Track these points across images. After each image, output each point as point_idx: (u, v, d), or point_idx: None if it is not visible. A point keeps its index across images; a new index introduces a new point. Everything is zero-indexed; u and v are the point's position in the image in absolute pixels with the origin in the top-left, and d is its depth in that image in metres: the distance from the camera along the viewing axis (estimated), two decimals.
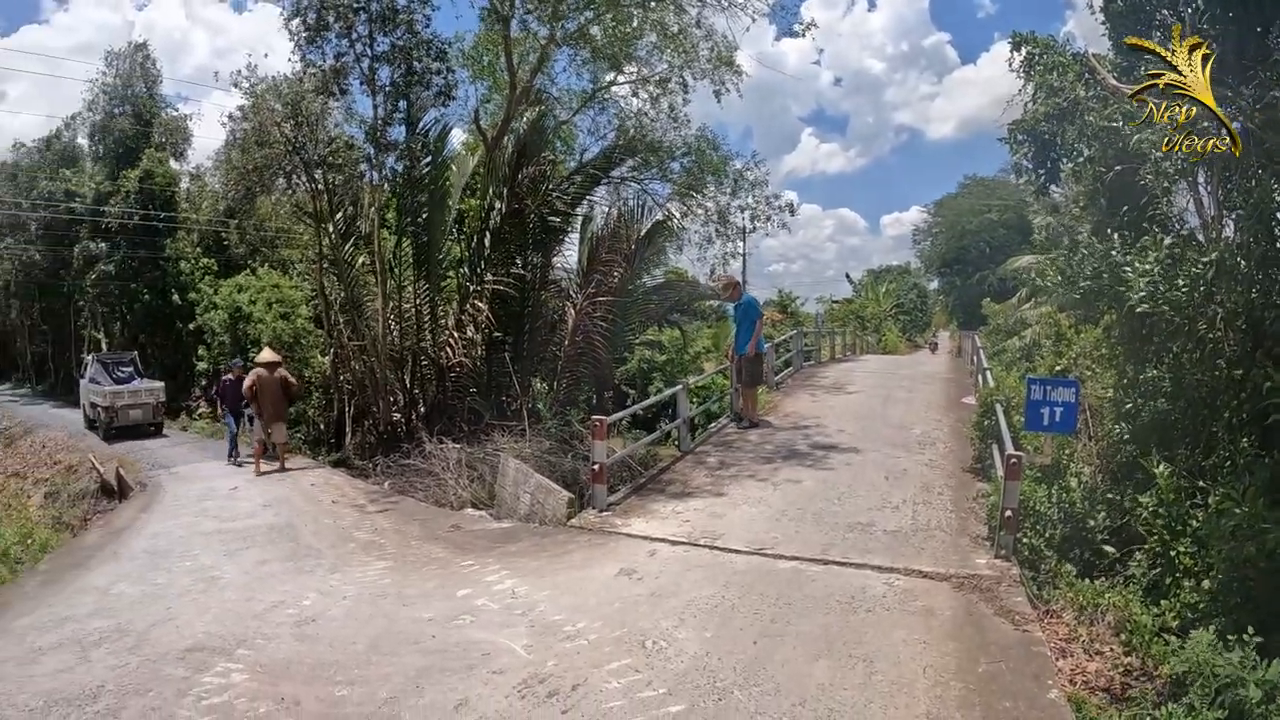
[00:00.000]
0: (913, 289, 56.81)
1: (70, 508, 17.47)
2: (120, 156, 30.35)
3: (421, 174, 17.40)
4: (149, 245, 28.76)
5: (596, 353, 17.06)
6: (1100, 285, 9.20)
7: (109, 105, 31.54)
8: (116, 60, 31.91)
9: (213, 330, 25.45)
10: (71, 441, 23.44)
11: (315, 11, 16.38)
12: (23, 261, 36.64)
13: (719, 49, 18.99)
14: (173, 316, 27.96)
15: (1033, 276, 29.22)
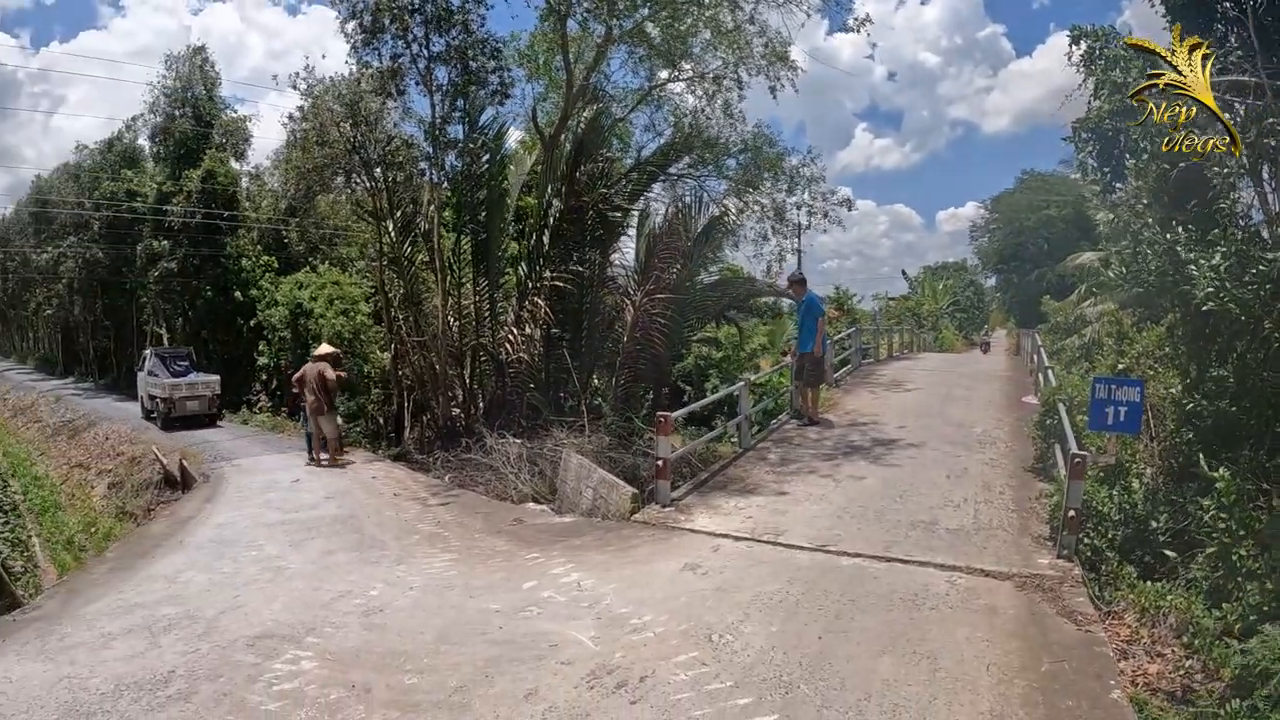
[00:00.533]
0: (969, 286, 56.00)
1: (134, 498, 17.91)
2: (181, 157, 30.89)
3: (480, 172, 17.52)
4: (210, 243, 29.31)
5: (655, 349, 17.05)
6: (1164, 282, 9.05)
7: (170, 107, 32.11)
8: (176, 63, 32.63)
9: (273, 326, 25.87)
10: (134, 434, 23.93)
11: (371, 14, 16.62)
12: (86, 260, 37.50)
13: (773, 45, 18.93)
14: (234, 312, 28.44)
15: (1092, 274, 28.71)
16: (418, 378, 18.56)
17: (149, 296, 33.07)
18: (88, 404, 32.00)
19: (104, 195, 34.13)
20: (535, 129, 18.98)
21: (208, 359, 29.53)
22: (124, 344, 39.23)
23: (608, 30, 17.51)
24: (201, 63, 32.78)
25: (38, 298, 48.47)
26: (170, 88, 32.20)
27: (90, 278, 38.67)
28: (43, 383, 43.32)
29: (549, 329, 17.23)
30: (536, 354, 17.46)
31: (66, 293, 42.22)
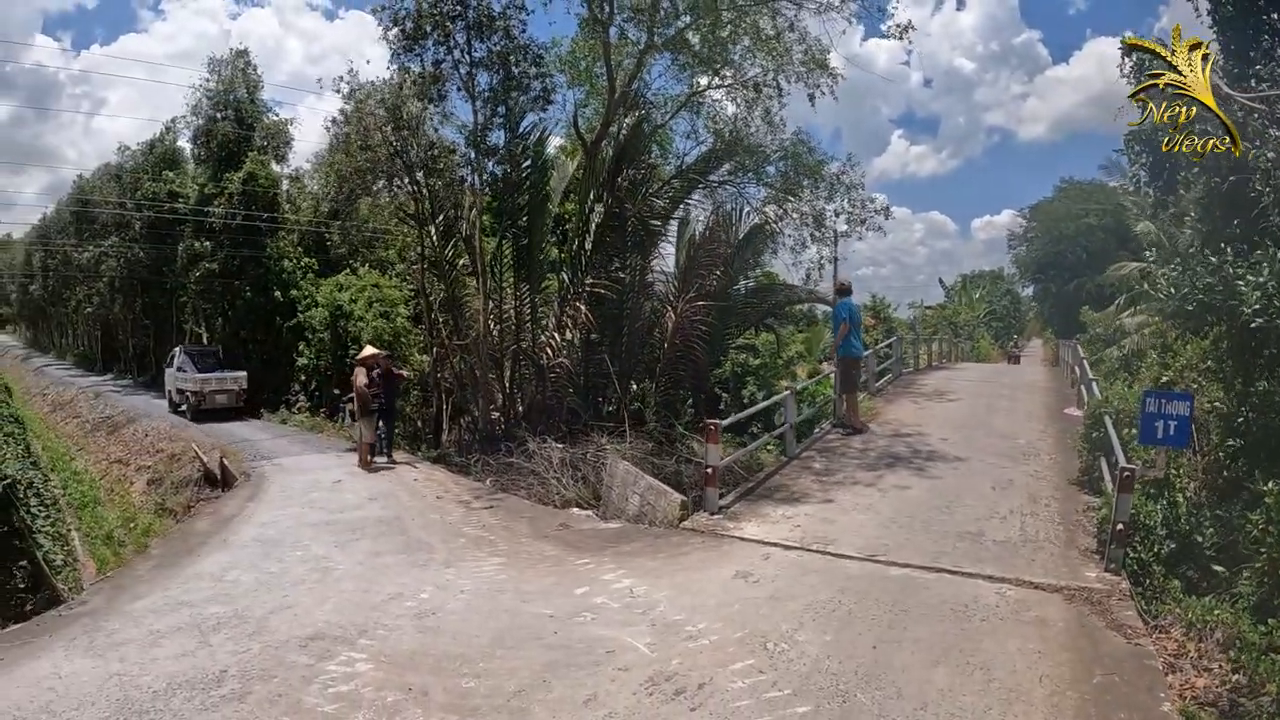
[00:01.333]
0: (1005, 295, 55.55)
1: (173, 494, 18.03)
2: (223, 159, 31.10)
3: (521, 177, 17.65)
4: (251, 244, 29.57)
5: (695, 356, 17.09)
6: (1213, 299, 8.97)
7: (212, 110, 32.24)
8: (219, 66, 32.72)
9: (313, 327, 26.07)
10: (174, 431, 24.19)
11: (413, 21, 16.72)
12: (127, 259, 37.99)
13: (813, 51, 18.89)
14: (274, 313, 28.66)
15: (1132, 285, 28.39)
16: (457, 381, 18.68)
17: (189, 296, 33.35)
18: (126, 400, 32.42)
19: (145, 196, 34.42)
20: (577, 135, 19.04)
21: (247, 358, 30.02)
22: (163, 342, 39.48)
23: (649, 37, 17.56)
24: (244, 66, 32.90)
25: (78, 295, 48.91)
26: (213, 90, 32.35)
27: (131, 276, 39.08)
28: (82, 379, 43.78)
29: (589, 334, 17.31)
30: (576, 359, 17.56)
31: (107, 291, 42.54)
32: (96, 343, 53.44)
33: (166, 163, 36.09)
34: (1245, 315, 8.26)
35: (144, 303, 40.80)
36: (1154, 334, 18.82)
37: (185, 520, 14.48)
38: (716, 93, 20.16)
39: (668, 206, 18.32)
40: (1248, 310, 8.21)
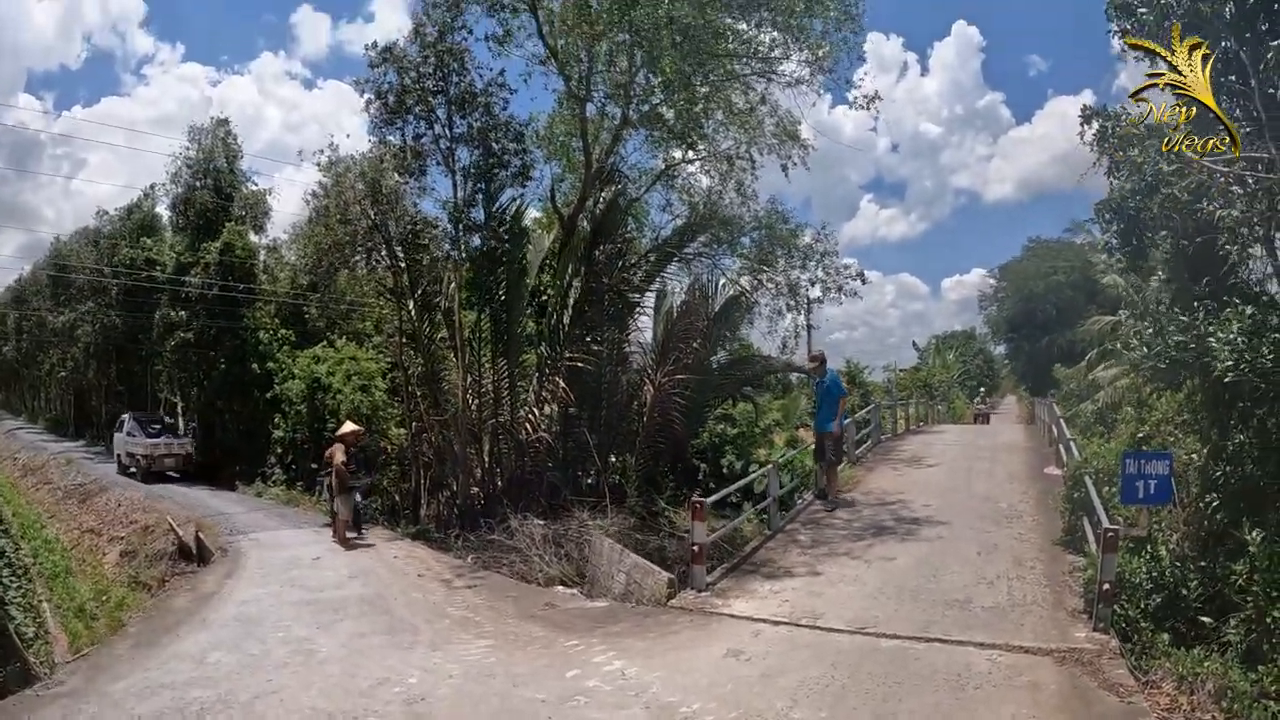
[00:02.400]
0: (978, 354, 56.23)
1: (147, 568, 17.59)
2: (201, 228, 31.06)
3: (500, 252, 17.77)
4: (228, 315, 29.46)
5: (674, 428, 17.15)
6: (1184, 355, 9.22)
7: (191, 178, 32.24)
8: (199, 135, 32.80)
9: (290, 400, 25.89)
10: (148, 502, 23.54)
11: (395, 95, 16.98)
12: (103, 325, 37.80)
13: (784, 124, 19.28)
14: (250, 384, 28.43)
15: (1104, 339, 28.82)
16: (436, 455, 18.57)
17: (165, 365, 33.13)
18: (99, 468, 31.57)
19: (123, 262, 34.37)
20: (554, 209, 19.29)
21: (222, 429, 30.07)
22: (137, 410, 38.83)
23: (624, 113, 17.86)
24: (224, 135, 33.08)
25: (52, 359, 48.64)
26: (193, 159, 32.41)
27: (106, 342, 38.88)
28: (54, 444, 43.10)
29: (568, 408, 17.32)
30: (556, 432, 17.54)
31: (82, 356, 42.39)
32: (70, 407, 52.76)
33: (144, 229, 36.25)
34: (1218, 370, 8.46)
35: (119, 369, 40.46)
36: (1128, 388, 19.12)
37: (161, 596, 14.16)
38: (691, 166, 20.49)
39: (644, 280, 18.52)
40: (1220, 365, 8.42)
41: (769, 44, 17.99)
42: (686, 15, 15.13)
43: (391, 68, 17.10)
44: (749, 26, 17.93)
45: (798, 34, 17.59)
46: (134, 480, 27.58)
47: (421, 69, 17.10)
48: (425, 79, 17.06)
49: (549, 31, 17.30)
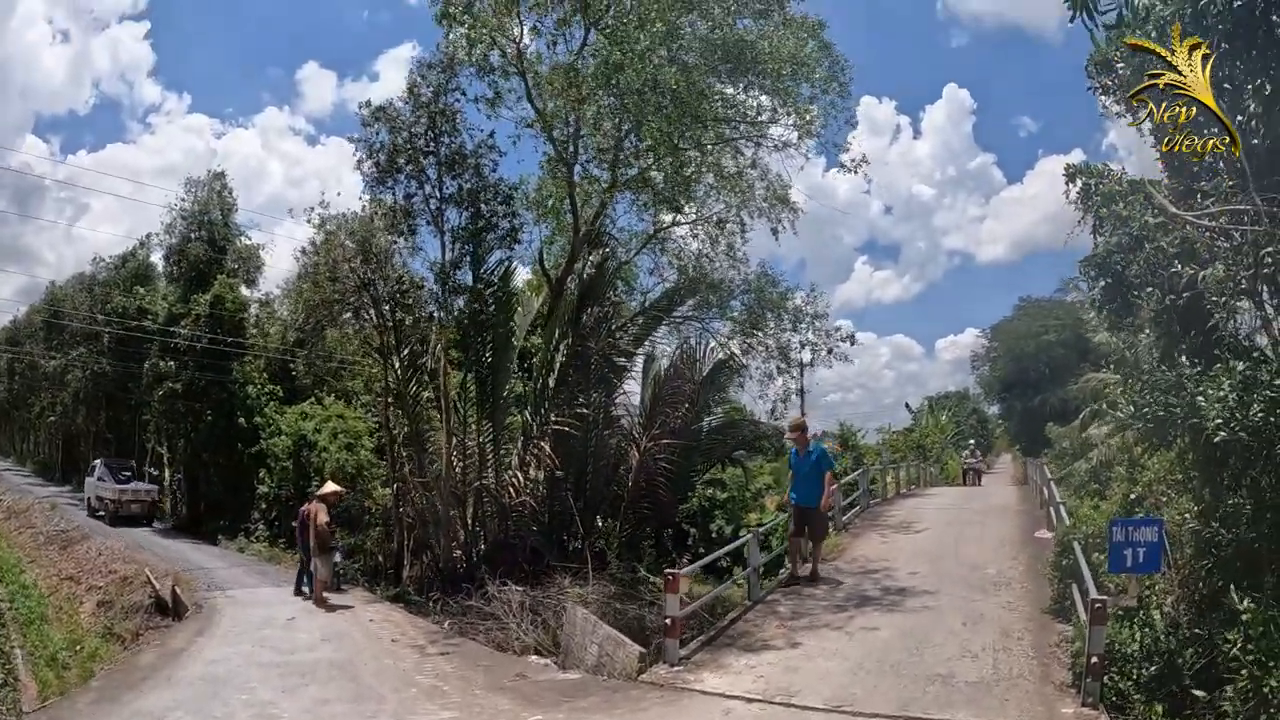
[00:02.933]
0: (972, 414, 56.08)
1: (123, 620, 17.39)
2: (193, 279, 31.13)
3: (487, 314, 17.75)
4: (216, 368, 29.41)
5: (659, 494, 16.97)
6: (1173, 416, 9.02)
7: (186, 230, 32.46)
8: (195, 187, 33.09)
9: (276, 456, 25.77)
10: (128, 553, 23.36)
11: (386, 154, 17.12)
12: (93, 371, 37.91)
13: (774, 188, 19.42)
14: (236, 438, 28.30)
15: (1096, 397, 28.65)
16: (419, 517, 18.36)
17: (152, 415, 33.09)
18: (82, 515, 31.45)
19: (115, 310, 34.49)
20: (543, 272, 19.32)
21: (208, 482, 30.14)
22: (124, 458, 38.21)
23: (613, 177, 17.96)
24: (220, 188, 33.35)
25: (42, 402, 48.58)
26: (188, 211, 32.68)
27: (96, 389, 38.95)
28: (40, 488, 42.62)
29: (553, 471, 17.15)
30: (541, 496, 17.35)
31: (72, 401, 42.40)
32: (58, 452, 52.50)
33: (138, 278, 36.27)
34: (1208, 430, 8.27)
35: (108, 417, 40.48)
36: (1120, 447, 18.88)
37: (133, 649, 14.07)
38: (681, 229, 20.57)
39: (632, 344, 18.50)
40: (1209, 425, 8.21)
41: (757, 108, 18.21)
42: (671, 80, 15.26)
43: (384, 127, 17.28)
44: (736, 90, 18.16)
45: (785, 98, 17.78)
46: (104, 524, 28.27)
47: (414, 129, 17.29)
48: (417, 139, 17.24)
49: (537, 95, 17.44)
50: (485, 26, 16.50)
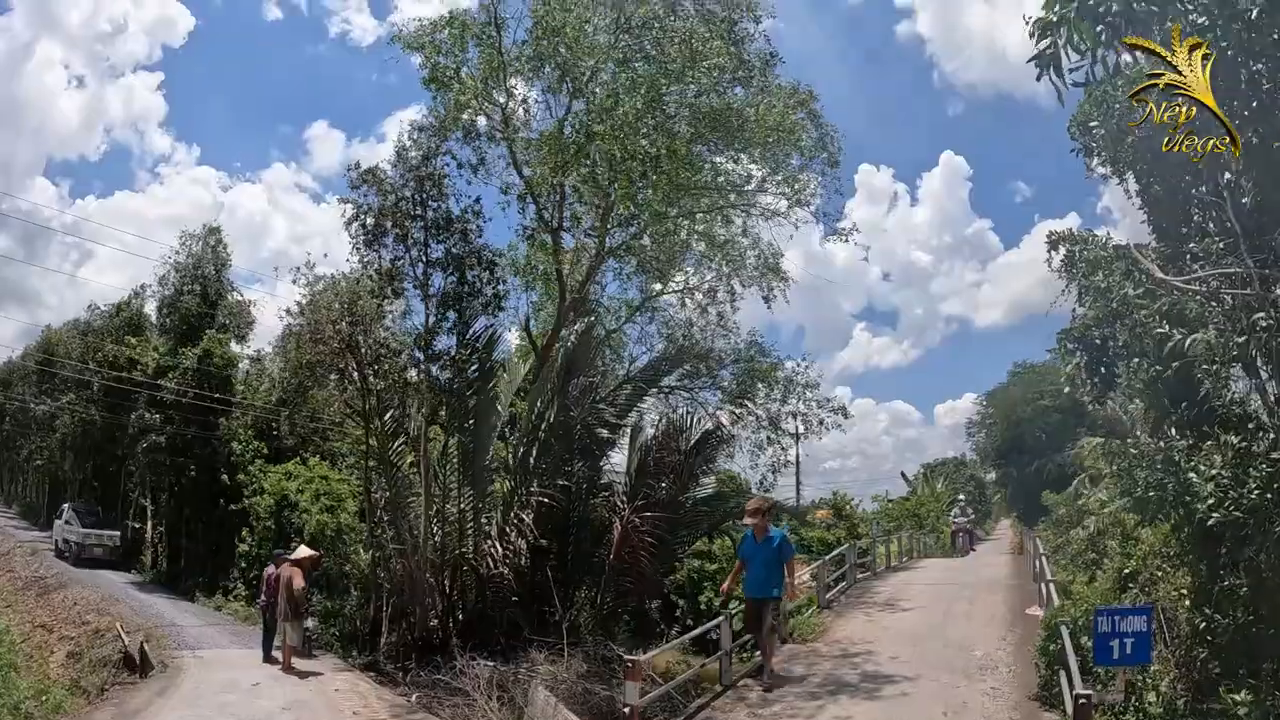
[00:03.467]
0: (969, 481, 55.60)
1: (90, 673, 17.14)
2: (184, 333, 31.16)
3: (469, 381, 17.58)
4: (202, 423, 29.26)
5: (642, 567, 16.60)
6: (1164, 496, 8.70)
7: (179, 282, 32.56)
8: (190, 241, 33.27)
9: (258, 514, 25.50)
10: (104, 604, 23.32)
11: (374, 218, 17.11)
12: (82, 419, 37.85)
13: (765, 256, 19.42)
14: (219, 495, 28.07)
15: (1088, 466, 28.32)
16: (398, 584, 18.00)
17: (136, 466, 32.96)
18: (61, 564, 31.31)
19: (106, 358, 34.36)
20: (529, 339, 19.21)
21: (190, 537, 29.96)
22: (108, 508, 38.36)
23: (600, 244, 17.95)
24: (215, 243, 33.54)
25: (31, 445, 48.52)
26: (182, 264, 32.79)
27: (84, 437, 38.89)
28: (23, 532, 42.26)
29: (534, 542, 16.79)
30: (521, 566, 16.95)
31: (58, 447, 42.49)
32: (45, 496, 51.84)
33: (130, 328, 36.19)
34: (1201, 513, 8.02)
35: (94, 465, 40.23)
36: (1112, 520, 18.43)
37: (96, 703, 14.19)
38: (670, 297, 20.55)
39: (618, 414, 18.27)
40: (1202, 507, 8.00)
41: (745, 177, 18.26)
42: (652, 148, 15.30)
43: (372, 190, 17.27)
44: (724, 159, 18.23)
45: (774, 166, 17.84)
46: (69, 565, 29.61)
47: (401, 192, 17.28)
48: (403, 202, 17.23)
49: (525, 161, 17.54)
50: (471, 92, 16.57)
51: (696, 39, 16.04)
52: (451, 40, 17.43)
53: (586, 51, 16.41)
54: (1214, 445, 8.34)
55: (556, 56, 16.65)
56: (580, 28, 16.42)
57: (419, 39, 17.60)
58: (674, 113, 16.38)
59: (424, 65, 17.50)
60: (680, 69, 15.68)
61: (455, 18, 17.59)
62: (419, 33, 17.66)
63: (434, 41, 17.47)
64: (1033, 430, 45.31)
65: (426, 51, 17.44)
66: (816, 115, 18.34)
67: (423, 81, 17.62)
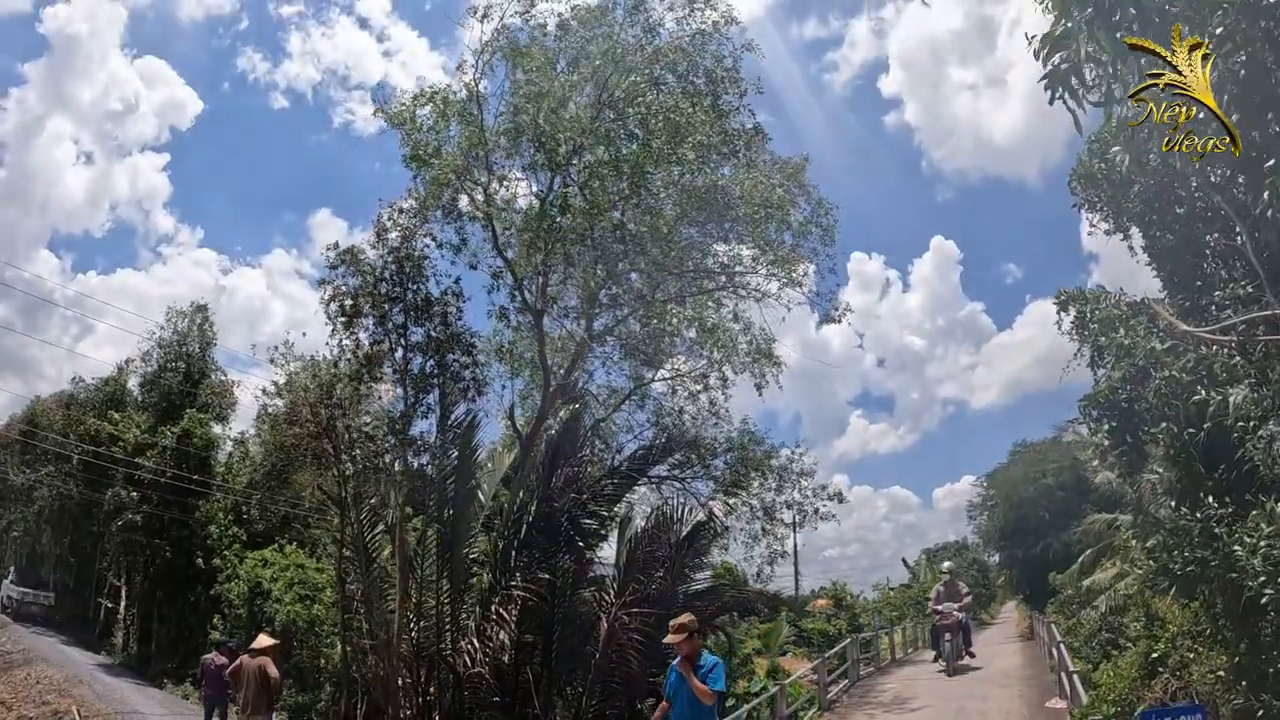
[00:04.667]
0: (972, 565, 54.23)
1: None
2: (165, 410, 30.81)
3: (449, 469, 16.77)
4: (180, 504, 28.46)
5: (630, 666, 15.52)
6: (1206, 571, 7.83)
7: (163, 359, 32.46)
8: (177, 318, 33.21)
9: (230, 602, 24.66)
10: (67, 685, 22.59)
11: (352, 299, 16.52)
12: (60, 493, 37.07)
13: (757, 342, 18.94)
14: (194, 579, 27.36)
15: (1100, 538, 27.42)
16: (370, 680, 16.92)
17: (111, 545, 32.16)
18: (31, 640, 30.30)
19: (87, 432, 33.88)
20: (512, 427, 18.39)
21: (161, 621, 29.24)
22: (82, 585, 38.56)
23: (587, 328, 17.33)
24: (202, 321, 33.32)
25: (10, 516, 46.45)
26: (167, 340, 32.66)
27: (62, 511, 38.14)
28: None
29: (516, 638, 15.73)
30: (505, 662, 15.87)
31: (35, 521, 41.67)
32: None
33: (113, 403, 35.55)
34: (1251, 590, 7.16)
35: (71, 541, 39.37)
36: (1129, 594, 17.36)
37: None
38: (659, 385, 19.98)
39: (606, 505, 17.44)
40: (1252, 584, 7.13)
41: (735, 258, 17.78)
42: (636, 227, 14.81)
43: (351, 270, 16.71)
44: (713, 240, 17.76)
45: (765, 246, 17.34)
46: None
47: (380, 273, 16.70)
48: (382, 284, 16.63)
49: (506, 244, 17.01)
50: (451, 168, 16.05)
51: (679, 114, 15.58)
52: (434, 115, 17.02)
53: (567, 126, 15.95)
54: (1260, 514, 7.44)
55: (535, 129, 16.25)
56: (562, 98, 16.04)
57: (401, 116, 17.27)
58: (659, 190, 15.87)
59: (404, 143, 17.13)
60: (664, 147, 15.27)
61: (436, 93, 17.26)
62: (401, 110, 17.35)
63: (415, 118, 17.06)
64: (1036, 510, 44.01)
65: (407, 128, 16.98)
66: (805, 187, 17.95)
67: (404, 160, 17.32)
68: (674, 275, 16.46)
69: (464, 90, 17.25)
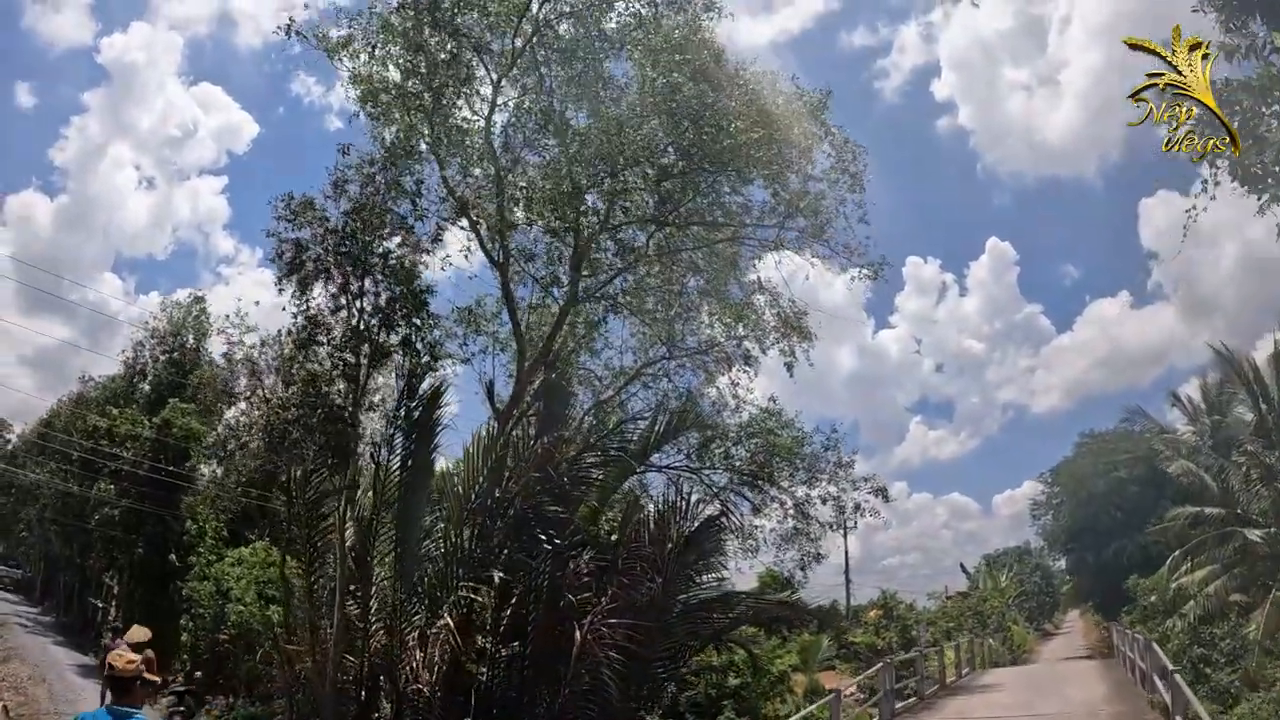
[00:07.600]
0: (1035, 571, 50.55)
1: None
2: (154, 402, 29.77)
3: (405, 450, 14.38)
4: (159, 499, 26.82)
5: (607, 694, 12.51)
6: None
7: (154, 349, 31.84)
8: (171, 308, 32.71)
9: (198, 602, 22.86)
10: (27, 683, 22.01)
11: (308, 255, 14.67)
12: (61, 491, 36.05)
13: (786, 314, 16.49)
14: (170, 577, 25.59)
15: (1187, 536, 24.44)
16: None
17: (94, 542, 30.95)
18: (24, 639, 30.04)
19: (88, 429, 32.52)
20: (490, 403, 15.76)
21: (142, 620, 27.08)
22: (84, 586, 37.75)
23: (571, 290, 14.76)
24: (199, 312, 32.38)
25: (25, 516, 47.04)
26: (159, 330, 31.93)
27: (65, 510, 36.60)
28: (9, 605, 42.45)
29: (461, 650, 12.88)
30: (460, 678, 13.12)
31: (37, 520, 41.33)
32: (40, 569, 51.37)
33: (118, 398, 34.40)
34: None
35: (78, 544, 37.78)
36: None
37: None
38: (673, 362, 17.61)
39: (591, 494, 14.93)
40: None
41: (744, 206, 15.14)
42: None
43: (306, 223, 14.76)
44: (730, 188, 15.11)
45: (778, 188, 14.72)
46: None
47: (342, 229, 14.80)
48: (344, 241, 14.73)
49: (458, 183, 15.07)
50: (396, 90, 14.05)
51: None
52: (384, 35, 14.67)
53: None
54: None
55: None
56: None
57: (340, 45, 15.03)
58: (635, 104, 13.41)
59: (353, 80, 14.97)
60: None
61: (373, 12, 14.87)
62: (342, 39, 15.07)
63: (353, 49, 14.91)
64: (1107, 507, 40.34)
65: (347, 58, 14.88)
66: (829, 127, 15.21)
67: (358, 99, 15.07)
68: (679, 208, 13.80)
69: None
